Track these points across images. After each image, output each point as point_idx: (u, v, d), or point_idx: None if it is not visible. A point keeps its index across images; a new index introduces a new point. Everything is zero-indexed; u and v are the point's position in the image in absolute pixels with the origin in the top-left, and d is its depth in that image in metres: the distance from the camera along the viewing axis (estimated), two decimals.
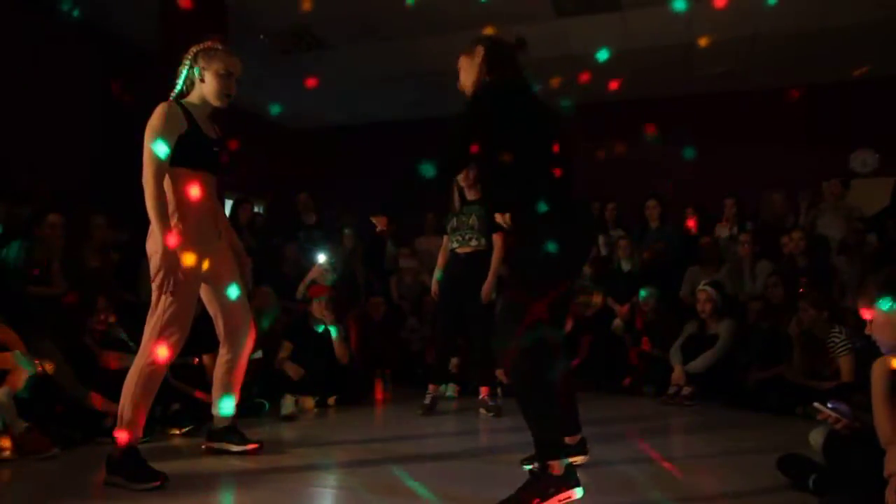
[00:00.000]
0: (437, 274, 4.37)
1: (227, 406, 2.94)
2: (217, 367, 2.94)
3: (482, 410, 4.13)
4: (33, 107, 5.43)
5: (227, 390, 2.93)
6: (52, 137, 5.43)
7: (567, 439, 2.59)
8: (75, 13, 4.96)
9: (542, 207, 2.15)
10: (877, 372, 2.11)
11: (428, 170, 2.11)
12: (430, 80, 6.64)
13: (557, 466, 2.08)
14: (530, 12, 5.98)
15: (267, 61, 6.79)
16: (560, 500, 2.06)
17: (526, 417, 2.13)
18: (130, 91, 4.46)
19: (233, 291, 2.80)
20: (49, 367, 3.12)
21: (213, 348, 3.17)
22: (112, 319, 3.86)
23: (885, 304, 2.22)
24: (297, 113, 8.53)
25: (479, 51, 2.38)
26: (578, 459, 2.61)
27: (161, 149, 2.47)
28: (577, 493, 2.09)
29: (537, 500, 2.05)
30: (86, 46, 6.16)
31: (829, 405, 2.37)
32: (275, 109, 8.34)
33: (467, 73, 2.42)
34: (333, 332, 4.67)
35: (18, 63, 5.34)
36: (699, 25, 6.02)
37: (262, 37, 6.41)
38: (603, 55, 5.32)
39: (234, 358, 2.89)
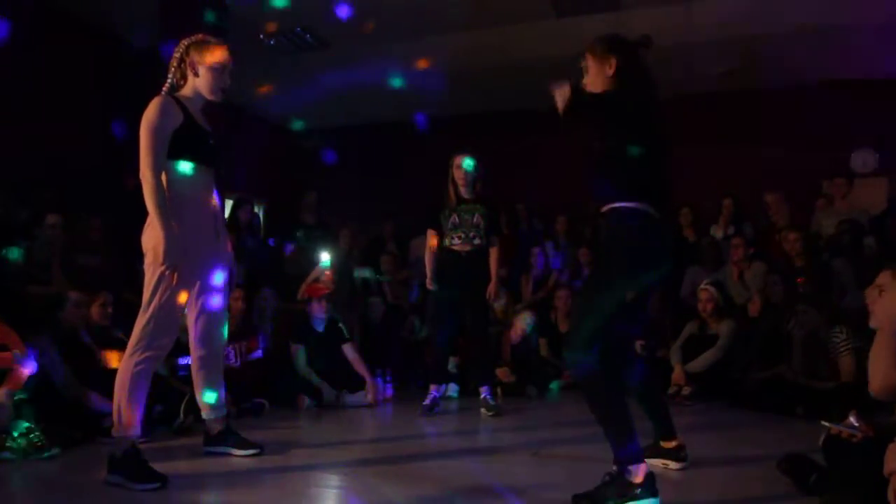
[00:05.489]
0: (429, 274, 4.24)
1: (210, 397, 2.86)
2: (192, 364, 2.85)
3: (483, 410, 4.13)
4: (33, 108, 5.43)
5: (209, 387, 2.86)
6: (53, 138, 5.43)
7: (663, 443, 2.76)
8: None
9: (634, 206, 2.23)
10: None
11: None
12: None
13: (636, 473, 2.16)
14: (530, 12, 5.98)
15: (267, 61, 6.79)
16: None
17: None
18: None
19: (217, 297, 2.76)
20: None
21: None
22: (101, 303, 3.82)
23: None
24: (297, 113, 8.53)
25: (612, 62, 2.37)
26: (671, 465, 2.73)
27: (161, 141, 2.45)
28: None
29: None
30: (86, 47, 6.16)
31: (838, 426, 2.35)
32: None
33: (594, 81, 2.42)
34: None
35: (19, 64, 5.34)
36: (700, 25, 6.02)
37: (262, 36, 6.41)
38: None
39: (209, 353, 2.81)
